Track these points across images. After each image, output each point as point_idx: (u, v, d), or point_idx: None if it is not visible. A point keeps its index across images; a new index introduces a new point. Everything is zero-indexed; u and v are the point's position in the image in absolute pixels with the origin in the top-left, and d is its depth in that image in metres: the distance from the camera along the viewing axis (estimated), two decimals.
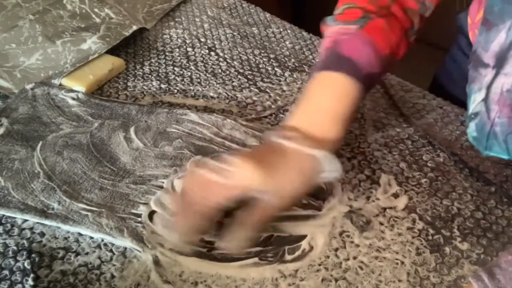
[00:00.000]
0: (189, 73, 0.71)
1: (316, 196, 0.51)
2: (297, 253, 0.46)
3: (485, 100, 0.43)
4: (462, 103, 0.60)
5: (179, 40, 0.79)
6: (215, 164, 0.43)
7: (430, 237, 0.48)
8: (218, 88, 0.68)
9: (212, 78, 0.70)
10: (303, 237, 0.47)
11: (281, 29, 0.83)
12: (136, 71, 0.71)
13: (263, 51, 0.77)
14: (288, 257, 0.46)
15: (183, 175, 0.52)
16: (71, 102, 0.62)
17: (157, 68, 0.72)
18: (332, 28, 0.52)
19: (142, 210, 0.49)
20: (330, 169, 0.45)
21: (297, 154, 0.44)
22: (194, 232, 0.44)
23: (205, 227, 0.44)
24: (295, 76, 0.71)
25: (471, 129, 0.46)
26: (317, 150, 0.45)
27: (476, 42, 0.43)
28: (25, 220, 0.48)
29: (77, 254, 0.46)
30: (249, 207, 0.43)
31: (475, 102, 0.44)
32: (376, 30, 0.48)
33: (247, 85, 0.69)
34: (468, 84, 0.45)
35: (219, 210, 0.43)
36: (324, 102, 0.48)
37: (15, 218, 0.48)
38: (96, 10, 0.79)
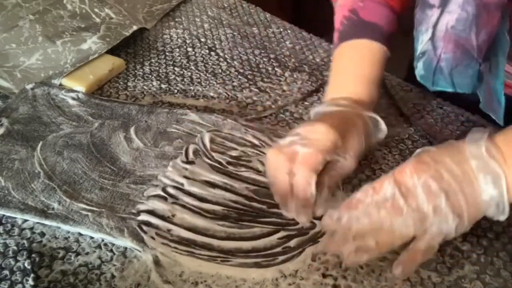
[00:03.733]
0: (189, 73, 0.71)
1: None
2: (297, 252, 0.46)
3: (432, 38, 0.46)
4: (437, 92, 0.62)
5: (179, 40, 0.79)
6: (293, 139, 0.47)
7: None
8: (218, 88, 0.68)
9: (212, 78, 0.70)
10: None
11: (281, 29, 0.83)
12: (136, 71, 0.71)
13: (263, 51, 0.77)
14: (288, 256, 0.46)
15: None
16: (71, 102, 0.62)
17: (157, 68, 0.72)
18: None
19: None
20: (381, 129, 0.53)
21: (359, 118, 0.51)
22: (306, 207, 0.47)
23: (310, 199, 0.47)
24: (295, 76, 0.71)
25: (419, 68, 0.49)
26: (371, 113, 0.52)
27: None
28: (25, 220, 0.48)
29: (78, 254, 0.46)
30: (328, 171, 0.49)
31: (422, 42, 0.47)
32: None
33: (247, 85, 0.69)
34: (415, 27, 0.48)
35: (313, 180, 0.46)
36: (359, 69, 0.54)
37: (15, 218, 0.48)
38: (96, 10, 0.79)
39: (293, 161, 0.47)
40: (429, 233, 0.41)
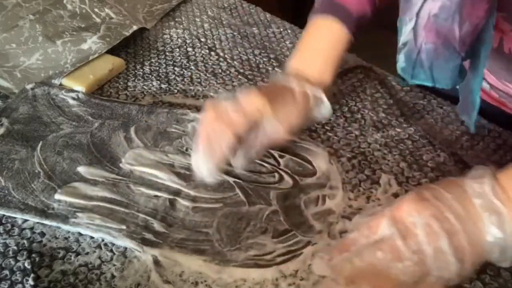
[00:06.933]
0: (189, 73, 0.71)
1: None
2: (297, 253, 0.46)
3: (414, 27, 0.43)
4: (432, 88, 0.62)
5: (179, 40, 0.79)
6: (229, 99, 0.49)
7: None
8: (218, 88, 0.68)
9: (212, 78, 0.70)
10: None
11: (281, 29, 0.83)
12: (136, 71, 0.71)
13: (263, 51, 0.77)
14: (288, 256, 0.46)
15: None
16: (71, 102, 0.62)
17: (157, 68, 0.72)
18: None
19: None
20: (324, 107, 0.55)
21: (301, 94, 0.52)
22: (221, 161, 0.48)
23: (228, 155, 0.49)
24: None
25: (400, 61, 0.46)
26: (315, 89, 0.53)
27: None
28: (26, 220, 0.48)
29: (78, 254, 0.46)
30: (256, 133, 0.50)
31: (405, 33, 0.44)
32: None
33: (247, 85, 0.69)
34: (399, 17, 0.45)
35: (237, 137, 0.48)
36: (319, 46, 0.56)
37: (15, 218, 0.48)
38: (96, 10, 0.79)
39: (225, 119, 0.48)
40: (429, 280, 0.37)
